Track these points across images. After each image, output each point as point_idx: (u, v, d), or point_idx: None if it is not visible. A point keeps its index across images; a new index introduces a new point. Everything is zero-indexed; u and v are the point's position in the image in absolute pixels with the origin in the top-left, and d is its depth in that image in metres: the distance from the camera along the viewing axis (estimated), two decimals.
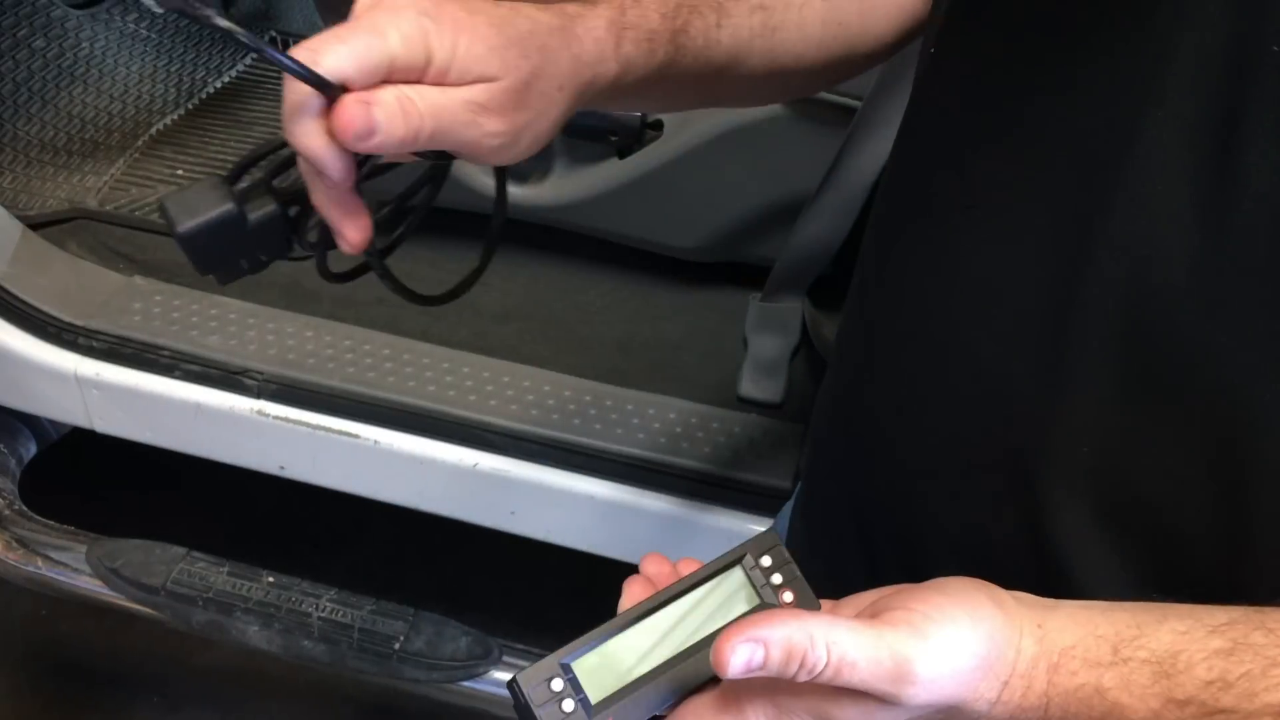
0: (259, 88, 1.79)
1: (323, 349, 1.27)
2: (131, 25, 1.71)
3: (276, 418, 1.23)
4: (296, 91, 0.44)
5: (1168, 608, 0.42)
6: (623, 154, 1.23)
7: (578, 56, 0.51)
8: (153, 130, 1.67)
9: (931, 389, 0.52)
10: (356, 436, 1.21)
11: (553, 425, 1.18)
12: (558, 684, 0.46)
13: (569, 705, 0.46)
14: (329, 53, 0.44)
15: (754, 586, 0.49)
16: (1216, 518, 0.43)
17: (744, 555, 0.49)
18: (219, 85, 1.79)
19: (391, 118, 0.44)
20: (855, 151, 1.11)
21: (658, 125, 1.21)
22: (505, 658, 1.22)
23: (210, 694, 1.58)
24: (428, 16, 0.45)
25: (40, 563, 1.33)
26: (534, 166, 1.29)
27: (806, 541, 0.67)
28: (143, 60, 1.72)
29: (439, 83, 0.46)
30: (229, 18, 0.61)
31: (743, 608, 0.48)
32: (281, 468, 1.27)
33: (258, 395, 1.23)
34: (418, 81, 0.46)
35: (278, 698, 1.57)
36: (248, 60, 1.84)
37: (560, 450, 1.17)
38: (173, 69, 1.74)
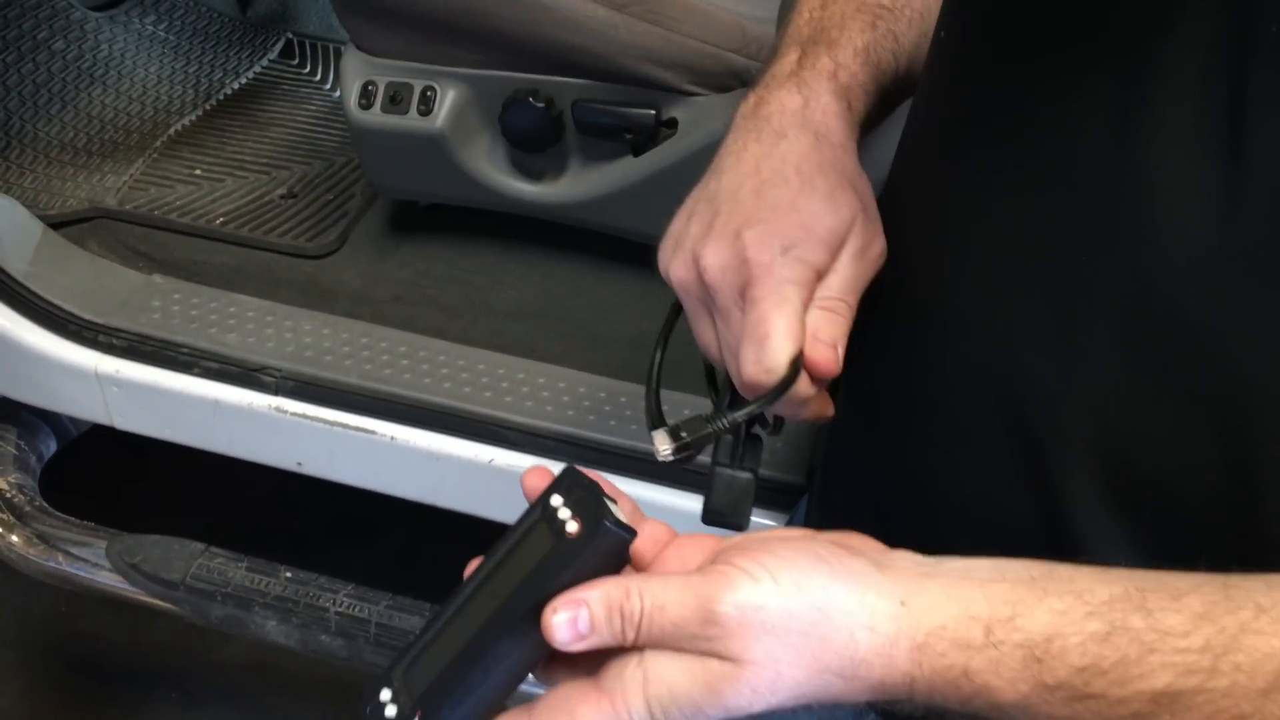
0: (276, 89, 1.80)
1: (340, 346, 1.28)
2: (150, 27, 1.73)
3: (294, 414, 1.24)
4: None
5: (1051, 578, 0.41)
6: (637, 151, 1.24)
7: (841, 145, 0.56)
8: (171, 131, 1.69)
9: (942, 373, 0.52)
10: (373, 433, 1.22)
11: (568, 421, 1.19)
12: (385, 693, 0.47)
13: (391, 711, 0.46)
14: None
15: (549, 528, 0.46)
16: (1226, 497, 0.43)
17: (547, 499, 0.48)
18: (236, 87, 1.80)
19: None
20: (868, 147, 1.12)
21: (672, 123, 1.22)
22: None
23: (227, 690, 1.59)
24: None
25: (60, 558, 1.35)
26: (548, 164, 1.30)
27: None
28: (160, 62, 1.73)
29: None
30: (248, 20, 0.62)
31: (541, 554, 0.46)
32: (299, 464, 1.28)
33: (275, 392, 1.24)
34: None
35: (295, 694, 1.58)
36: (264, 62, 1.86)
37: (575, 446, 1.17)
38: (190, 70, 1.76)
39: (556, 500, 0.47)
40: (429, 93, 1.27)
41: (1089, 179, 0.45)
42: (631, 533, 0.46)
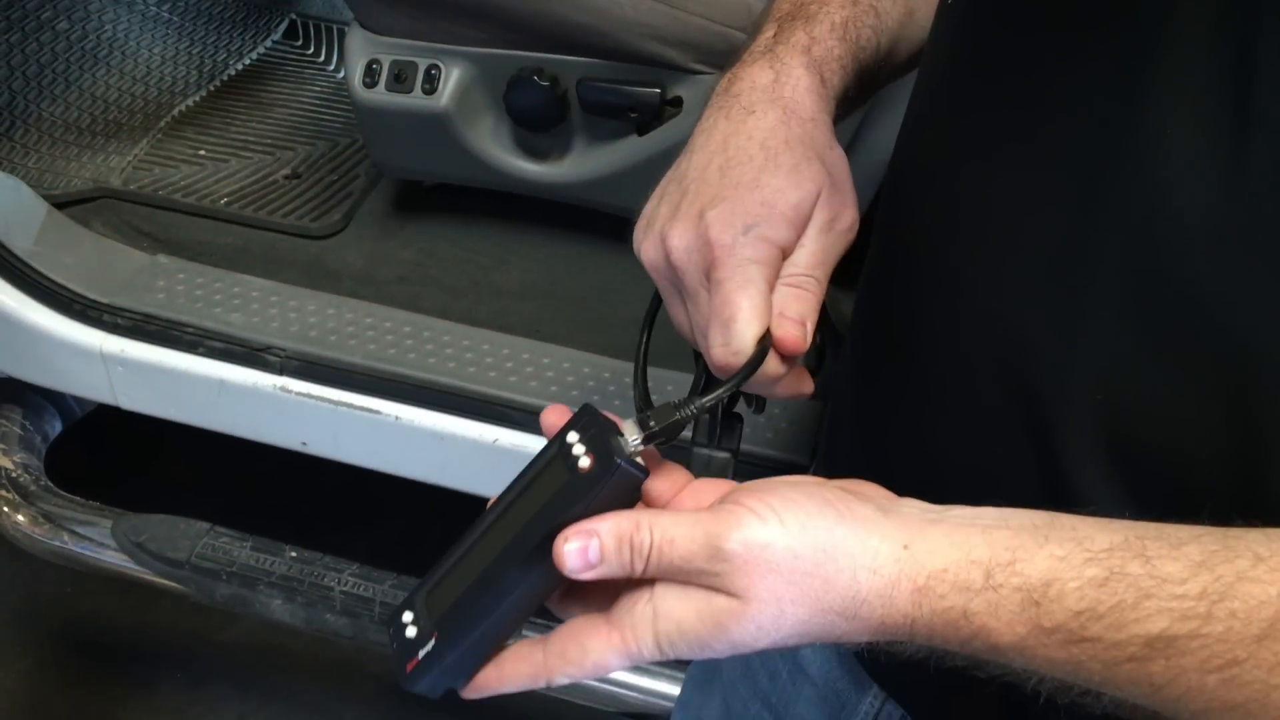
0: (280, 69, 1.80)
1: (344, 326, 1.27)
2: (154, 8, 1.73)
3: (299, 394, 1.24)
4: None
5: (1053, 526, 0.41)
6: (642, 131, 1.23)
7: (811, 119, 0.55)
8: (175, 111, 1.69)
9: (944, 341, 0.52)
10: (378, 413, 1.22)
11: (572, 402, 1.17)
12: (408, 615, 0.49)
13: (412, 632, 0.48)
14: None
15: (564, 463, 0.48)
16: (1231, 463, 0.43)
17: (563, 436, 0.49)
18: (240, 67, 1.80)
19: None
20: (874, 125, 1.11)
21: (677, 102, 1.21)
22: (524, 632, 1.23)
23: (232, 670, 1.59)
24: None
25: (66, 537, 1.35)
26: (553, 144, 1.30)
27: None
28: (165, 42, 1.73)
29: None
30: (252, 1, 0.62)
31: (555, 488, 0.47)
32: (304, 444, 1.28)
33: (280, 372, 1.24)
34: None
35: (300, 673, 1.58)
36: (268, 43, 1.85)
37: None
38: (194, 51, 1.75)
39: (573, 437, 0.48)
40: (433, 71, 1.27)
41: (1095, 143, 0.45)
42: (644, 471, 0.46)
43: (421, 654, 0.47)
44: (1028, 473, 0.49)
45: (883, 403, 0.60)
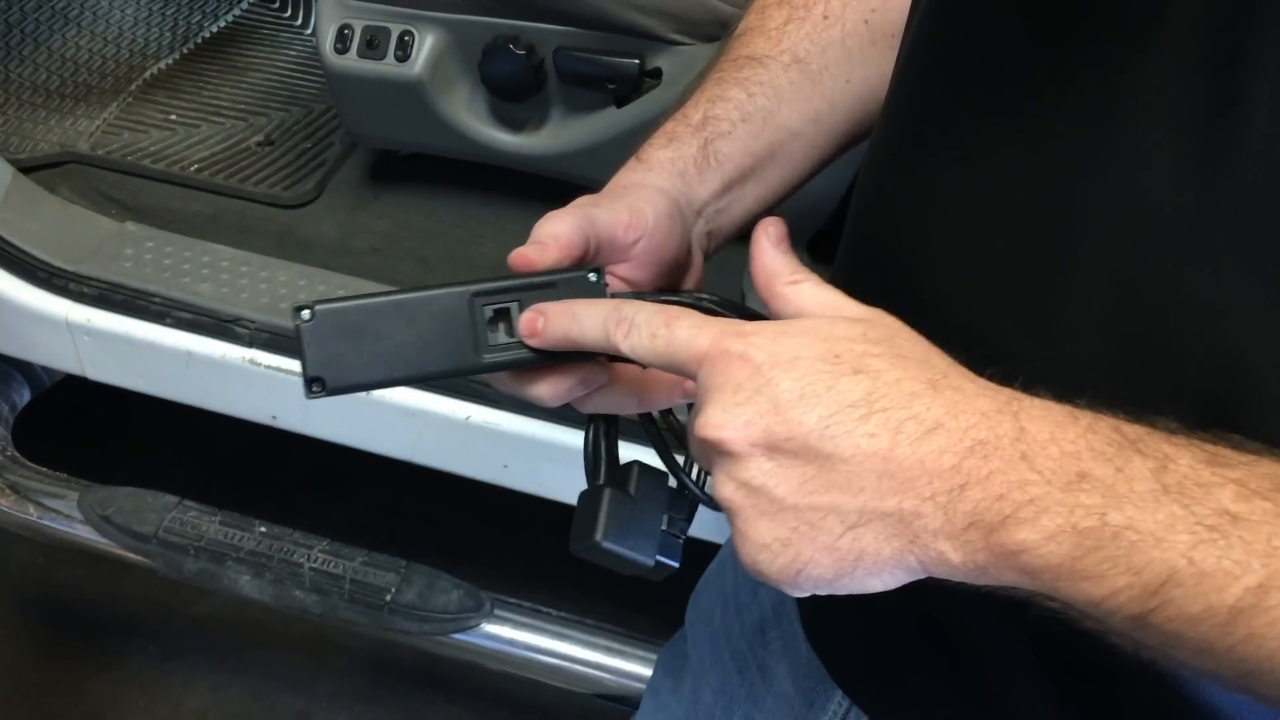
0: (255, 33, 1.76)
1: (315, 298, 1.25)
2: None
3: (268, 367, 1.21)
4: None
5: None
6: (620, 102, 1.21)
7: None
8: (147, 74, 1.65)
9: None
10: None
11: None
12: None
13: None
14: None
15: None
16: None
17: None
18: (215, 30, 1.76)
19: None
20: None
21: (656, 73, 1.18)
22: (497, 611, 1.22)
23: (205, 642, 1.58)
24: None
25: (33, 509, 1.33)
26: (529, 114, 1.27)
27: None
28: (137, 3, 1.69)
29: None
30: None
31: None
32: (274, 417, 1.26)
33: (250, 344, 1.22)
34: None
35: (272, 647, 1.57)
36: (243, 5, 1.81)
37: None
38: (168, 12, 1.71)
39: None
40: (406, 37, 1.23)
41: (1073, 149, 0.43)
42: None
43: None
44: None
45: None
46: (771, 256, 0.49)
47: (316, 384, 0.49)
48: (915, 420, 0.40)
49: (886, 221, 0.53)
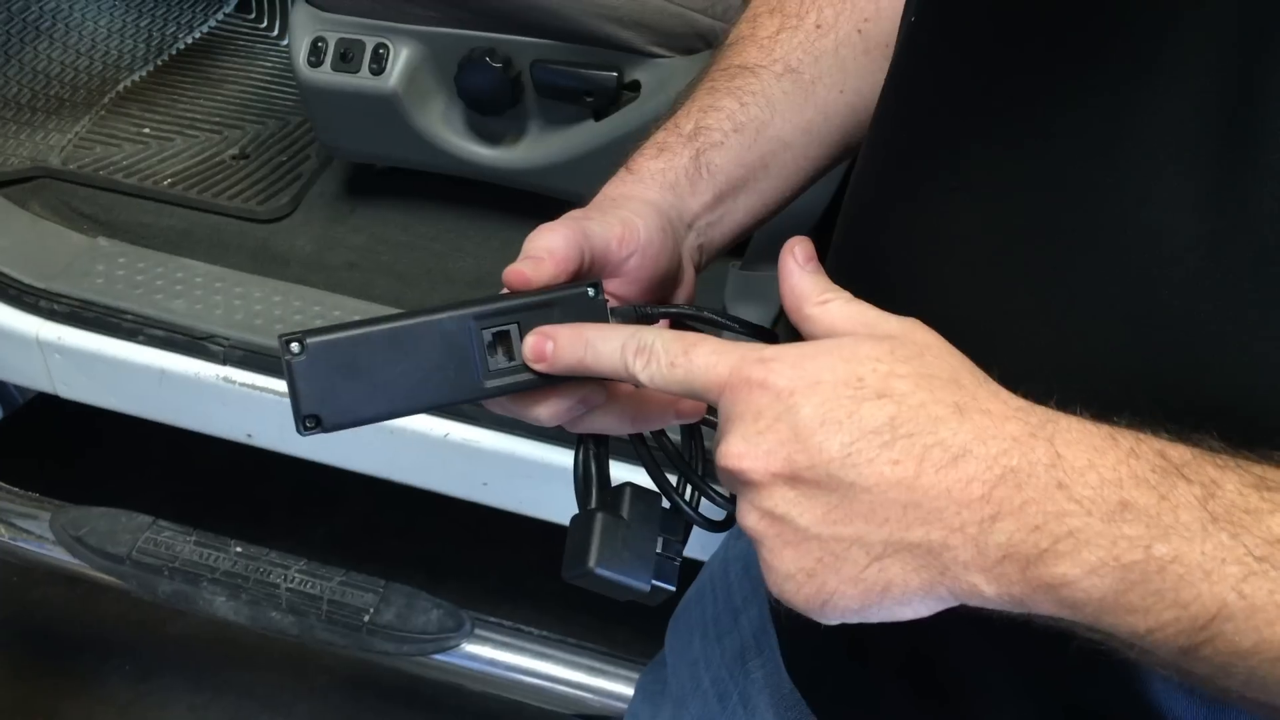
0: (230, 44, 1.74)
1: (291, 314, 1.23)
2: None
3: (243, 384, 1.20)
4: None
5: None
6: (599, 115, 1.20)
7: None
8: (120, 87, 1.63)
9: None
10: None
11: None
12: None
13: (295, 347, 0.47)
14: None
15: None
16: None
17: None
18: (189, 41, 1.74)
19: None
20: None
21: (634, 86, 1.17)
22: (477, 630, 1.20)
23: (182, 663, 1.56)
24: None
25: (4, 530, 1.31)
26: (506, 128, 1.26)
27: None
28: (111, 14, 1.67)
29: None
30: None
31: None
32: (249, 435, 1.24)
33: (224, 361, 1.20)
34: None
35: (251, 667, 1.55)
36: (219, 16, 1.79)
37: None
38: (142, 24, 1.69)
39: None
40: (381, 50, 1.22)
41: (1077, 174, 0.41)
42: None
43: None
44: None
45: None
46: (799, 278, 0.47)
47: (311, 420, 0.47)
48: (941, 447, 0.38)
49: (875, 246, 0.51)
